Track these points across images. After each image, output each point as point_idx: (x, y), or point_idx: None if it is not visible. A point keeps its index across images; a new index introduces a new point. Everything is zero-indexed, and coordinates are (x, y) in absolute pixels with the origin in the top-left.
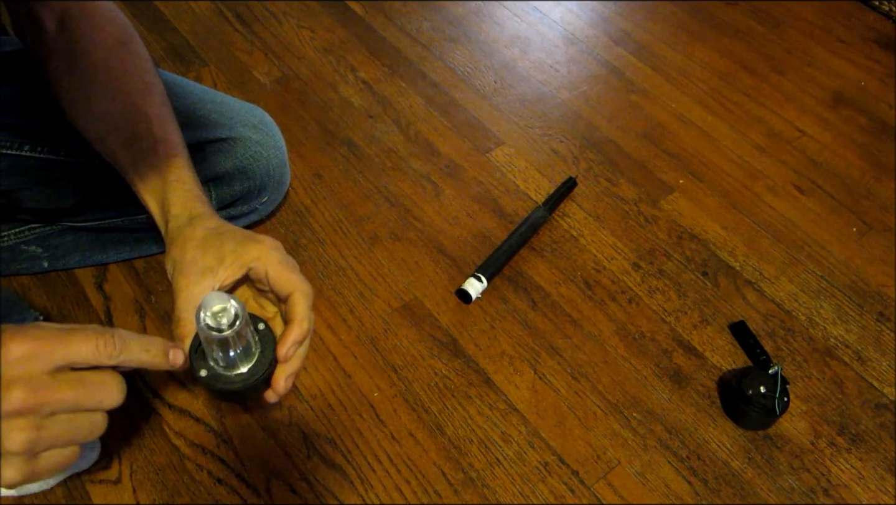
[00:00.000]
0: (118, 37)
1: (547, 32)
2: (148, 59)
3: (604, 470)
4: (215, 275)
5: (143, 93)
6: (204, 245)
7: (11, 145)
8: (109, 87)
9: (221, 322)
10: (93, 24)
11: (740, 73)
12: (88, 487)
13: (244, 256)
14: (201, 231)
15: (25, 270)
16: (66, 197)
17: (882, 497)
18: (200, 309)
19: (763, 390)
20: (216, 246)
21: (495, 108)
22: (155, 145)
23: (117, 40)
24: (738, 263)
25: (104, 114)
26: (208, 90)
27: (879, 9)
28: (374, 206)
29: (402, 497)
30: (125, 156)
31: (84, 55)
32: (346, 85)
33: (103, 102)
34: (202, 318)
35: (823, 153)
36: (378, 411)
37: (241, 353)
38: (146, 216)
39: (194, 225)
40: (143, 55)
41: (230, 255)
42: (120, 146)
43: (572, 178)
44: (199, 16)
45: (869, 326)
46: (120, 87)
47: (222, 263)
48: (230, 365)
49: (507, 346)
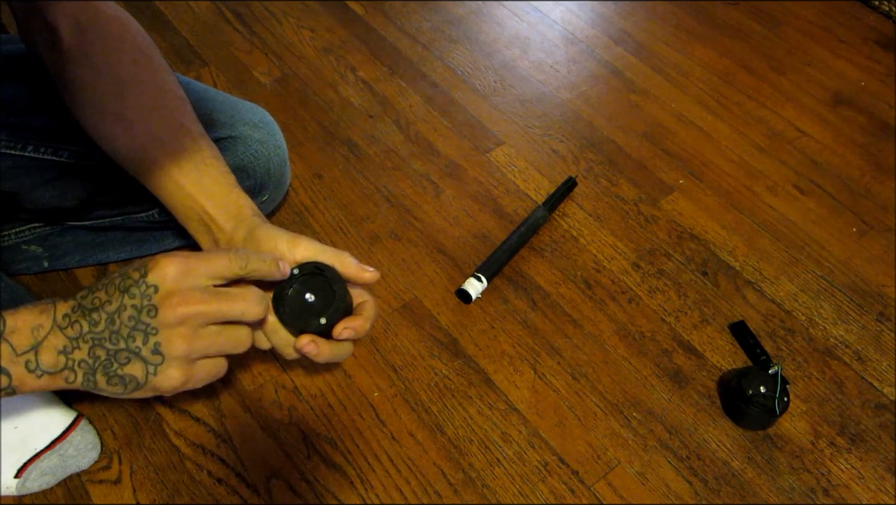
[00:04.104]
0: (139, 46)
1: (547, 32)
2: (169, 69)
3: (604, 470)
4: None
5: (181, 110)
6: (289, 232)
7: (14, 146)
8: (145, 103)
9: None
10: (112, 33)
11: (740, 73)
12: (88, 487)
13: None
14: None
15: (26, 269)
16: (69, 198)
17: (882, 497)
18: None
19: (763, 390)
20: (304, 236)
21: (495, 108)
22: (206, 159)
23: (140, 50)
24: (738, 263)
25: (141, 128)
26: (209, 89)
27: (879, 9)
28: (374, 206)
29: (402, 497)
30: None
31: (109, 68)
32: (346, 85)
33: (140, 117)
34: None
35: (823, 153)
36: (378, 411)
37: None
38: (147, 216)
39: (271, 224)
40: (164, 65)
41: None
42: (164, 154)
43: (572, 178)
44: (199, 16)
45: (869, 326)
46: (156, 103)
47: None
48: (307, 310)
49: (507, 346)
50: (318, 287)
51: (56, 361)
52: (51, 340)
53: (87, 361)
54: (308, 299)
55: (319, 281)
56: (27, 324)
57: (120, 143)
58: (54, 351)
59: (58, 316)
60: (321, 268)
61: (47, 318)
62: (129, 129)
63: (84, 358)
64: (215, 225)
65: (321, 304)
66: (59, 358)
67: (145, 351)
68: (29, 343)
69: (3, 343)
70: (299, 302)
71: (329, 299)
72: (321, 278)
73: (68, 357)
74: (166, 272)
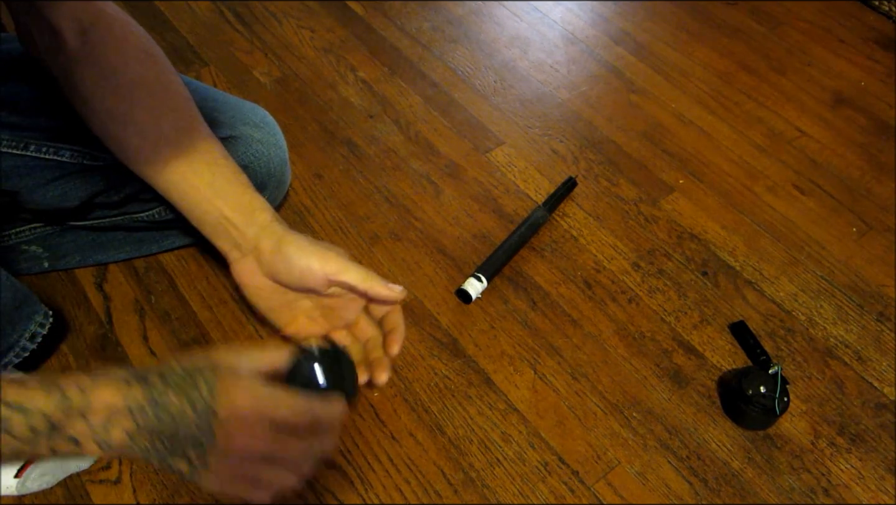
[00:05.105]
0: (143, 47)
1: (547, 32)
2: (173, 70)
3: (604, 470)
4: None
5: (189, 110)
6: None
7: (17, 146)
8: (153, 104)
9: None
10: (115, 34)
11: (740, 73)
12: (88, 487)
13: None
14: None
15: (26, 270)
16: (70, 198)
17: (882, 497)
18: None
19: (763, 390)
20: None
21: (495, 108)
22: (217, 159)
23: (144, 51)
24: (738, 263)
25: (151, 130)
26: (210, 88)
27: (879, 9)
28: (374, 206)
29: (402, 497)
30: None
31: (116, 69)
32: (346, 85)
33: (149, 118)
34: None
35: (823, 153)
36: (378, 411)
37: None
38: (148, 216)
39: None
40: (169, 65)
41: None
42: (175, 156)
43: (572, 178)
44: (199, 16)
45: (869, 326)
46: (164, 104)
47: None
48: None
49: (507, 346)
50: (331, 366)
51: (122, 441)
52: (122, 422)
53: (147, 447)
54: (318, 380)
55: (332, 359)
56: (105, 404)
57: (130, 144)
58: (123, 432)
59: (131, 401)
60: (333, 349)
61: (122, 399)
62: (139, 130)
63: (146, 445)
64: (236, 230)
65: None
66: (125, 439)
67: (195, 459)
68: (103, 422)
69: (82, 420)
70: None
71: (339, 381)
72: (333, 356)
73: (133, 440)
74: (237, 405)
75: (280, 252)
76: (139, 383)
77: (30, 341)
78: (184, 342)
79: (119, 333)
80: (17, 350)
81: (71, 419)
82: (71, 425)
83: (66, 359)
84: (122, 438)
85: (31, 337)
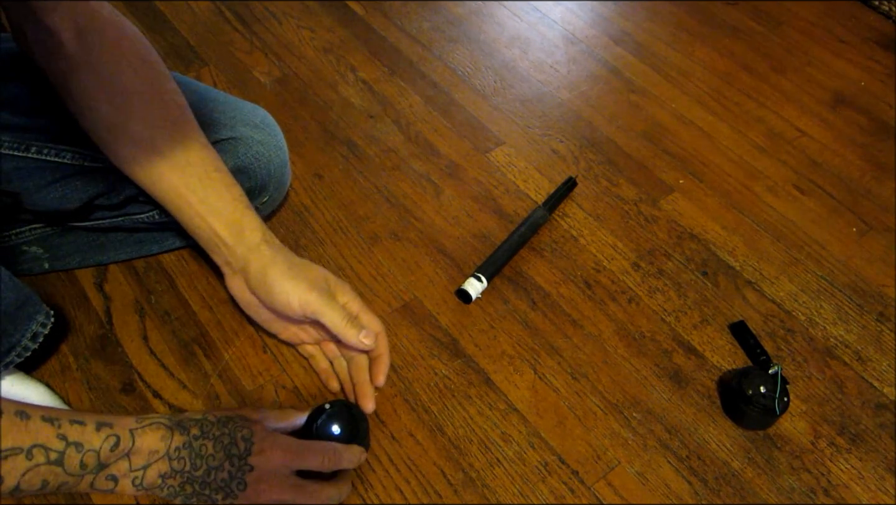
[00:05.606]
0: (138, 52)
1: (547, 32)
2: (169, 76)
3: (604, 470)
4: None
5: (183, 120)
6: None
7: (18, 147)
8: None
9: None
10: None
11: (740, 73)
12: None
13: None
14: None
15: (27, 270)
16: (71, 200)
17: (882, 497)
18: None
19: (763, 390)
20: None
21: (495, 108)
22: (210, 173)
23: (139, 57)
24: (738, 262)
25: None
26: (210, 89)
27: (879, 9)
28: (374, 206)
29: (402, 497)
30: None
31: (111, 77)
32: (346, 85)
33: (143, 130)
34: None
35: (823, 153)
36: (378, 411)
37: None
38: (148, 216)
39: (284, 251)
40: (164, 71)
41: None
42: (169, 168)
43: (572, 178)
44: (199, 16)
45: (869, 326)
46: (158, 115)
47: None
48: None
49: (507, 346)
50: (346, 421)
51: (154, 481)
52: (159, 464)
53: (175, 489)
54: (335, 432)
55: (346, 414)
56: (148, 447)
57: (125, 153)
58: (157, 474)
59: (171, 447)
60: (346, 406)
61: (164, 445)
62: (134, 141)
63: (175, 486)
64: (227, 248)
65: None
66: (157, 480)
67: (220, 502)
68: (142, 463)
69: (126, 460)
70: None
71: (354, 433)
72: (347, 412)
73: (165, 481)
74: (271, 460)
75: (264, 281)
76: (179, 430)
77: (31, 341)
78: (184, 342)
79: (119, 333)
80: (19, 350)
81: (117, 459)
82: (115, 465)
83: (66, 359)
84: (155, 479)
85: (33, 337)
